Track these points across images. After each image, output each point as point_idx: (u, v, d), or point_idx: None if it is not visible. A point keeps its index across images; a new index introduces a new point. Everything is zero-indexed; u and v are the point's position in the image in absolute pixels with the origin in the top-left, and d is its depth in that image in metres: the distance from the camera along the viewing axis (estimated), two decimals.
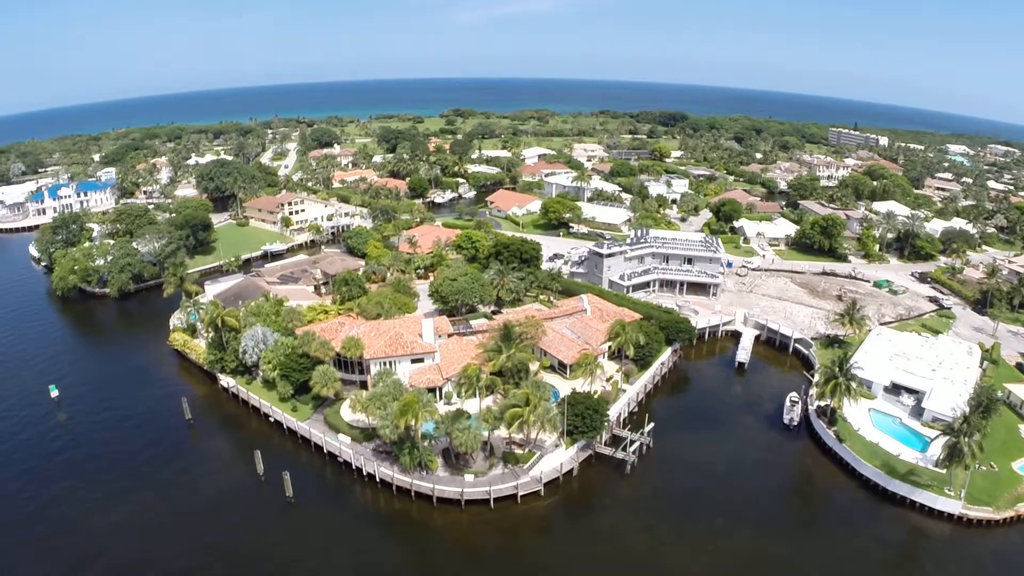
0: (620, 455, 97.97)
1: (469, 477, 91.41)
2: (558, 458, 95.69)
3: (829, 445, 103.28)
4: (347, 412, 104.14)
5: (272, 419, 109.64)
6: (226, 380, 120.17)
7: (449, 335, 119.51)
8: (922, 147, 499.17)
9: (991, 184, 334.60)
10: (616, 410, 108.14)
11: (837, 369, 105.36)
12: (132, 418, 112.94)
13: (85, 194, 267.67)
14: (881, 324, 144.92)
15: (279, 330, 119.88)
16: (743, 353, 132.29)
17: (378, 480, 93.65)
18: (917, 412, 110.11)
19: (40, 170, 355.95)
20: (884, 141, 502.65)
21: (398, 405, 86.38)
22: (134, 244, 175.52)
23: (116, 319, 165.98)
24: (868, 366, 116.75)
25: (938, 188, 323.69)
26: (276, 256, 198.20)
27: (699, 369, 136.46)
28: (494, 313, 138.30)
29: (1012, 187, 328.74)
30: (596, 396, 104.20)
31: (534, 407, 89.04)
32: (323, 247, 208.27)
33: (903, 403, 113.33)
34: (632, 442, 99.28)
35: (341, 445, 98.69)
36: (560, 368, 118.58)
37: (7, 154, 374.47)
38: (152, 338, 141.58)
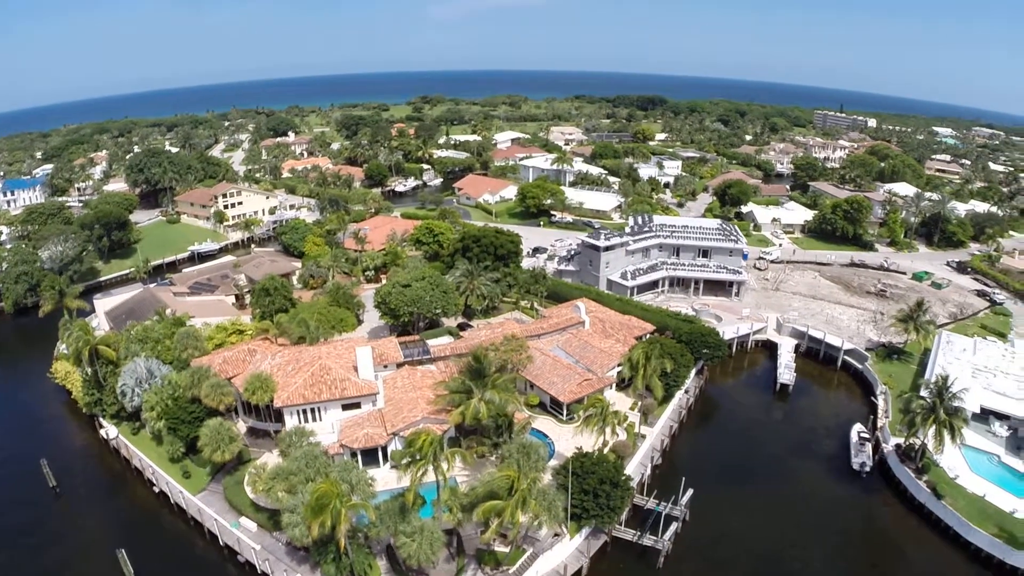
0: (649, 541, 67.33)
1: None
2: (559, 555, 64.65)
3: (920, 501, 76.31)
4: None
5: (157, 489, 78.50)
6: (108, 429, 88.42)
7: (399, 365, 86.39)
8: (910, 129, 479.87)
9: (991, 166, 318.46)
10: (636, 467, 77.64)
11: (936, 399, 77.13)
12: None
13: (12, 193, 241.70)
14: (938, 327, 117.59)
15: (171, 361, 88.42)
16: (786, 372, 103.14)
17: None
18: (1014, 445, 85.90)
19: None
20: (872, 123, 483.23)
21: (310, 498, 54.75)
22: (39, 250, 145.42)
23: (7, 340, 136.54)
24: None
25: (939, 170, 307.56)
26: (206, 258, 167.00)
27: (731, 395, 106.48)
28: (461, 328, 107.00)
29: (1011, 168, 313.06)
30: (607, 450, 74.11)
31: (521, 500, 55.71)
32: (255, 247, 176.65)
33: (996, 433, 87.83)
34: (668, 519, 68.89)
35: (241, 536, 67.14)
36: (553, 406, 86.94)
37: None
38: (39, 366, 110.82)
